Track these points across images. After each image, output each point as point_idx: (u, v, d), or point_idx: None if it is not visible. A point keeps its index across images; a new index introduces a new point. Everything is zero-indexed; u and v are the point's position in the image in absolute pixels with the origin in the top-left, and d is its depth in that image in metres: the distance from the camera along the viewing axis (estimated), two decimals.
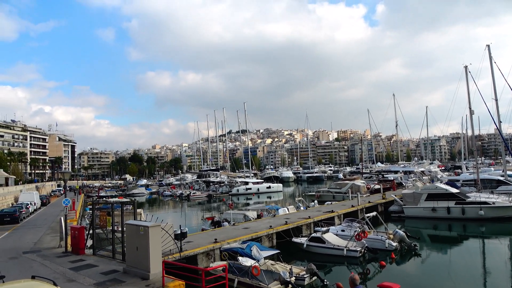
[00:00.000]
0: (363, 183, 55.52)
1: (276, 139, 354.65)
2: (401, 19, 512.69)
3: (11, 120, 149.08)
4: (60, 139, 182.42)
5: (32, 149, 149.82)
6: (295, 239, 25.59)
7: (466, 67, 45.47)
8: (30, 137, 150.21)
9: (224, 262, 18.70)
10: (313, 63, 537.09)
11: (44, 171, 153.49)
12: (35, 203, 51.63)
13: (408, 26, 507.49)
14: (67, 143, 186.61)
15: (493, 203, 33.48)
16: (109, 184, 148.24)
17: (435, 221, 34.40)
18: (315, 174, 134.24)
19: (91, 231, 20.59)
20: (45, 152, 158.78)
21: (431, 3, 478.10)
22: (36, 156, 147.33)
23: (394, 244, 23.88)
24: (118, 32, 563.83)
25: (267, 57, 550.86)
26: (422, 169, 69.98)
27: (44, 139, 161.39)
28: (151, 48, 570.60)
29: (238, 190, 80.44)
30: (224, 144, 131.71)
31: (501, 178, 44.38)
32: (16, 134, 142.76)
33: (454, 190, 35.98)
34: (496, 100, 42.63)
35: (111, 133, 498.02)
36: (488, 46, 44.10)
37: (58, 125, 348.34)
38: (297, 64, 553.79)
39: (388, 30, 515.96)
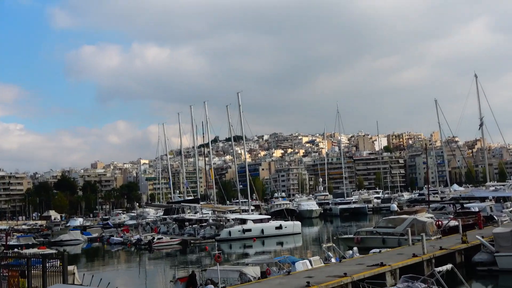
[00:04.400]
0: (431, 218, 44.58)
1: (289, 150, 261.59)
2: None
3: None
4: None
5: None
6: None
7: None
8: None
9: None
10: (346, 31, 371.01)
11: None
12: None
13: None
14: None
15: None
16: (24, 227, 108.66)
17: None
18: (353, 205, 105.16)
19: None
20: None
21: None
22: None
23: None
24: None
25: (274, 23, 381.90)
26: None
27: None
28: (89, 9, 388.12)
29: (230, 232, 61.65)
30: (207, 159, 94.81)
31: None
32: None
33: None
34: None
35: (26, 145, 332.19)
36: None
37: None
38: (321, 33, 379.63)
39: None
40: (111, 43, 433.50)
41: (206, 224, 67.19)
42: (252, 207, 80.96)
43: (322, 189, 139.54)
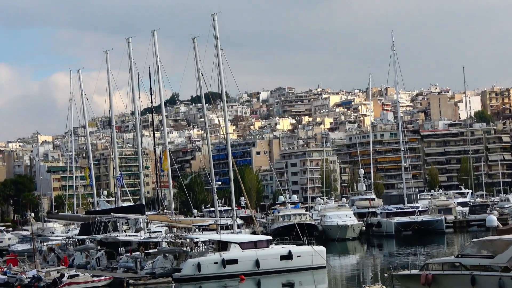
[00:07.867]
0: None
1: (306, 119, 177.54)
2: None
3: None
4: None
5: None
6: None
7: None
8: None
9: None
10: None
11: None
12: None
13: None
14: None
15: None
16: None
17: None
18: (419, 218, 69.67)
19: None
20: None
21: None
22: None
23: None
24: None
25: None
26: None
27: None
28: None
29: (199, 265, 43.19)
30: (158, 135, 69.96)
31: None
32: None
33: None
34: None
35: None
36: None
37: None
38: None
39: None
40: None
41: (156, 251, 49.30)
42: (240, 221, 60.65)
43: (365, 188, 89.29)
